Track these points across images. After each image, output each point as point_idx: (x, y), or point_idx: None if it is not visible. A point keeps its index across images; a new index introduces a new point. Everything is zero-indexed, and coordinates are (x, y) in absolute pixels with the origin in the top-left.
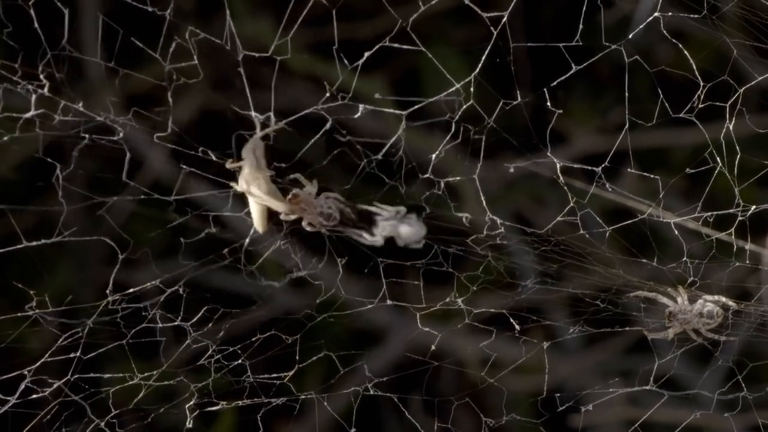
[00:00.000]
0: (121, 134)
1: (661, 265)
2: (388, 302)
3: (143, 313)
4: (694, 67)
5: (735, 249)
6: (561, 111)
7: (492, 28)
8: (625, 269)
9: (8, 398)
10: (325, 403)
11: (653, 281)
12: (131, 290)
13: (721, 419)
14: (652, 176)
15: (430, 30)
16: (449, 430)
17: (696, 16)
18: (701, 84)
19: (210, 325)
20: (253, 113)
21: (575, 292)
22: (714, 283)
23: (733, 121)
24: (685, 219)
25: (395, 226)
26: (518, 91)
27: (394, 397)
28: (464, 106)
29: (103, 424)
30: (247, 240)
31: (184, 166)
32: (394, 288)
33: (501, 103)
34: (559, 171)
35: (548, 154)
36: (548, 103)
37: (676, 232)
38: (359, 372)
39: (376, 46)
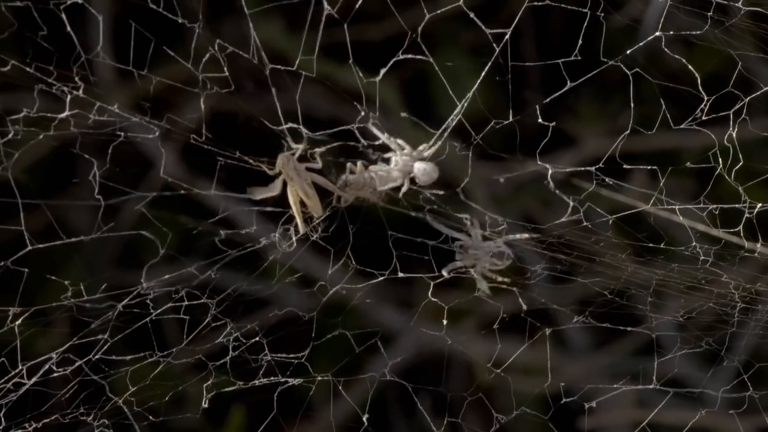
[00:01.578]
0: (157, 133)
1: (668, 264)
2: (400, 275)
3: (173, 295)
4: (699, 81)
5: (745, 246)
6: (553, 123)
7: (495, 45)
8: (633, 263)
9: (26, 381)
10: (341, 387)
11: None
12: (167, 276)
13: (728, 420)
14: (649, 167)
15: (441, 32)
16: (459, 425)
17: (698, 32)
18: (705, 97)
19: (229, 302)
20: (292, 142)
21: (583, 281)
22: (723, 281)
23: (736, 129)
24: (687, 207)
25: (409, 161)
26: (513, 104)
27: (409, 386)
28: (453, 123)
29: (120, 401)
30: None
31: (221, 159)
32: (403, 288)
33: (492, 122)
34: (549, 178)
35: (538, 162)
36: (539, 119)
37: (681, 218)
38: (371, 366)
39: (391, 61)
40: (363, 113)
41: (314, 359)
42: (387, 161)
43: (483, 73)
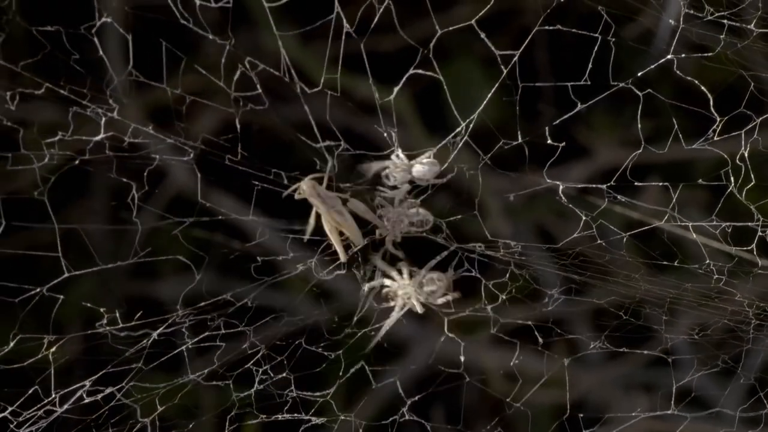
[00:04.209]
0: (192, 155)
1: (681, 283)
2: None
3: (209, 323)
4: (711, 102)
5: (759, 264)
6: (563, 144)
7: (502, 67)
8: (647, 282)
9: (57, 408)
10: (361, 430)
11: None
12: (202, 303)
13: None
14: (661, 184)
15: (455, 43)
16: None
17: (710, 54)
18: (717, 118)
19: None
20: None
21: (599, 303)
22: (738, 296)
23: (747, 149)
24: (700, 224)
25: (407, 171)
26: (527, 115)
27: (427, 426)
28: (462, 140)
29: (147, 422)
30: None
31: (257, 183)
32: None
33: (501, 142)
34: (561, 193)
35: (547, 180)
36: (549, 140)
37: (695, 235)
38: (385, 387)
39: (403, 78)
40: (386, 133)
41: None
42: (387, 177)
43: (491, 92)
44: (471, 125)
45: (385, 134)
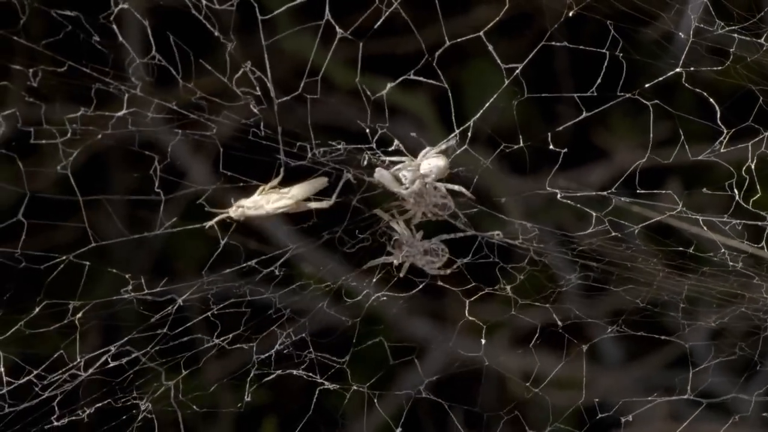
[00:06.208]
0: (215, 130)
1: (699, 267)
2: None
3: (234, 290)
4: (718, 114)
5: None
6: (565, 150)
7: (505, 79)
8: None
9: (80, 372)
10: (375, 401)
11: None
12: (227, 270)
13: (762, 429)
14: (665, 191)
15: (473, 44)
16: None
17: (719, 68)
18: (724, 131)
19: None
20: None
21: (615, 290)
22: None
23: (754, 161)
24: (710, 218)
25: (416, 169)
26: (546, 116)
27: (445, 405)
28: (458, 151)
29: (171, 385)
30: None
31: (281, 158)
32: (436, 301)
33: (502, 145)
34: (560, 195)
35: (548, 188)
36: (551, 146)
37: (705, 230)
38: (404, 381)
39: (398, 80)
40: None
41: (349, 369)
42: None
43: (492, 98)
44: (469, 131)
45: (367, 130)
